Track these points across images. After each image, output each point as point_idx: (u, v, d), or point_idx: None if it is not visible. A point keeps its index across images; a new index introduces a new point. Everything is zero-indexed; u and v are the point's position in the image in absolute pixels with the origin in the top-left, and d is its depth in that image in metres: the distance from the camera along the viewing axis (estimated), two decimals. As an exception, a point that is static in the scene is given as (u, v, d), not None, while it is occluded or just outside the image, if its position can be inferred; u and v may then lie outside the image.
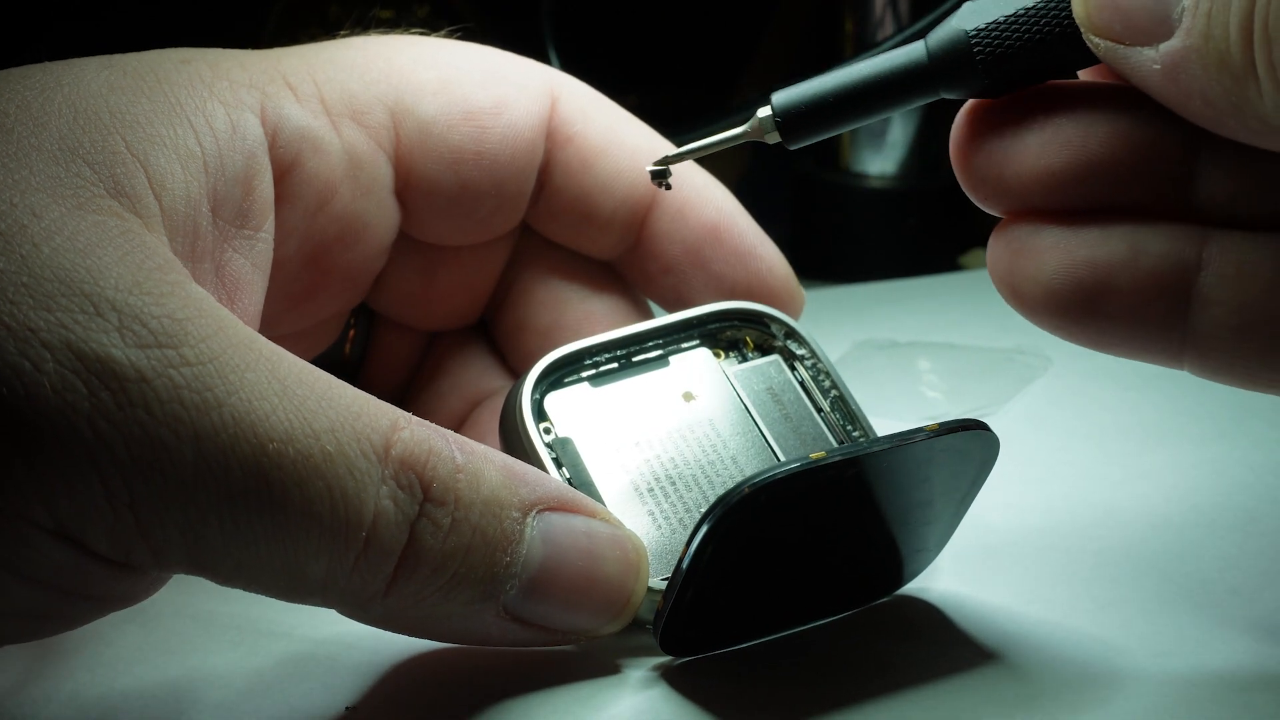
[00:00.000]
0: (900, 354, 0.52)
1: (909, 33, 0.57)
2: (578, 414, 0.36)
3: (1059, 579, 0.36)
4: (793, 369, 0.37)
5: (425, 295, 0.40)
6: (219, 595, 0.37)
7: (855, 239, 0.66)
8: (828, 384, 0.37)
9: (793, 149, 0.31)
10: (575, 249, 0.40)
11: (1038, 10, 0.29)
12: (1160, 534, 0.38)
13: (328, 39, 0.38)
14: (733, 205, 0.40)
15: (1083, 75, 0.31)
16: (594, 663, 0.33)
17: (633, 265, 0.40)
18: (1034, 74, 0.30)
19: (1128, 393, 0.47)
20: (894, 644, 0.34)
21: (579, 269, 0.41)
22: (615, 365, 0.37)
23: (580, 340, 0.37)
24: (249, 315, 0.33)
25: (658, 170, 0.33)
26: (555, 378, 0.36)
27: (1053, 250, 0.29)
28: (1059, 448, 0.44)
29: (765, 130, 0.31)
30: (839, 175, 0.64)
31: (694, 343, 0.37)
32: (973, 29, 0.29)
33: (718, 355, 0.37)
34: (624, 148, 0.39)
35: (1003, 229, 0.30)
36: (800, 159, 0.65)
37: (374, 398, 0.30)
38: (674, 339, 0.37)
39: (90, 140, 0.29)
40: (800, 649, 0.34)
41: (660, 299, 0.40)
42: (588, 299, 0.40)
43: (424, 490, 0.29)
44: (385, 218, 0.37)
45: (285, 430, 0.27)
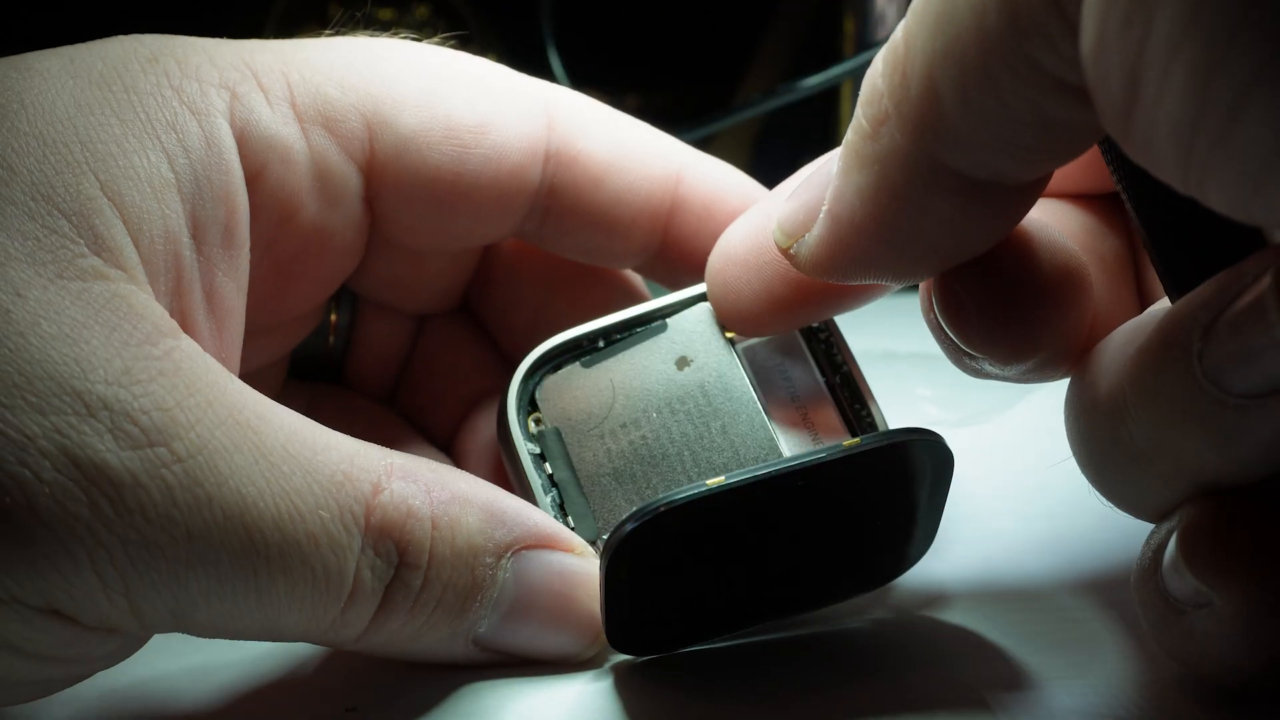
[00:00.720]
0: (898, 365, 0.52)
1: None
2: (567, 400, 0.35)
3: (1061, 582, 0.36)
4: (807, 341, 0.36)
5: (408, 276, 0.39)
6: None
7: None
8: (839, 359, 0.36)
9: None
10: (595, 264, 0.39)
11: None
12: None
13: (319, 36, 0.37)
14: (757, 190, 0.39)
15: None
16: (595, 656, 0.33)
17: (661, 268, 0.39)
18: None
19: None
20: (884, 649, 0.34)
21: None
22: (611, 343, 0.36)
23: (573, 329, 0.36)
24: (235, 340, 0.33)
25: None
26: (548, 368, 0.36)
27: None
28: (1062, 455, 0.44)
29: None
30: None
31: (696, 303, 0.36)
32: None
33: None
34: (633, 156, 0.38)
35: None
36: (801, 159, 0.65)
37: (361, 449, 0.31)
38: (678, 312, 0.36)
39: (64, 183, 0.29)
40: (770, 651, 0.34)
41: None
42: (577, 272, 0.40)
43: (400, 554, 0.30)
44: (352, 227, 0.36)
45: (274, 518, 0.28)
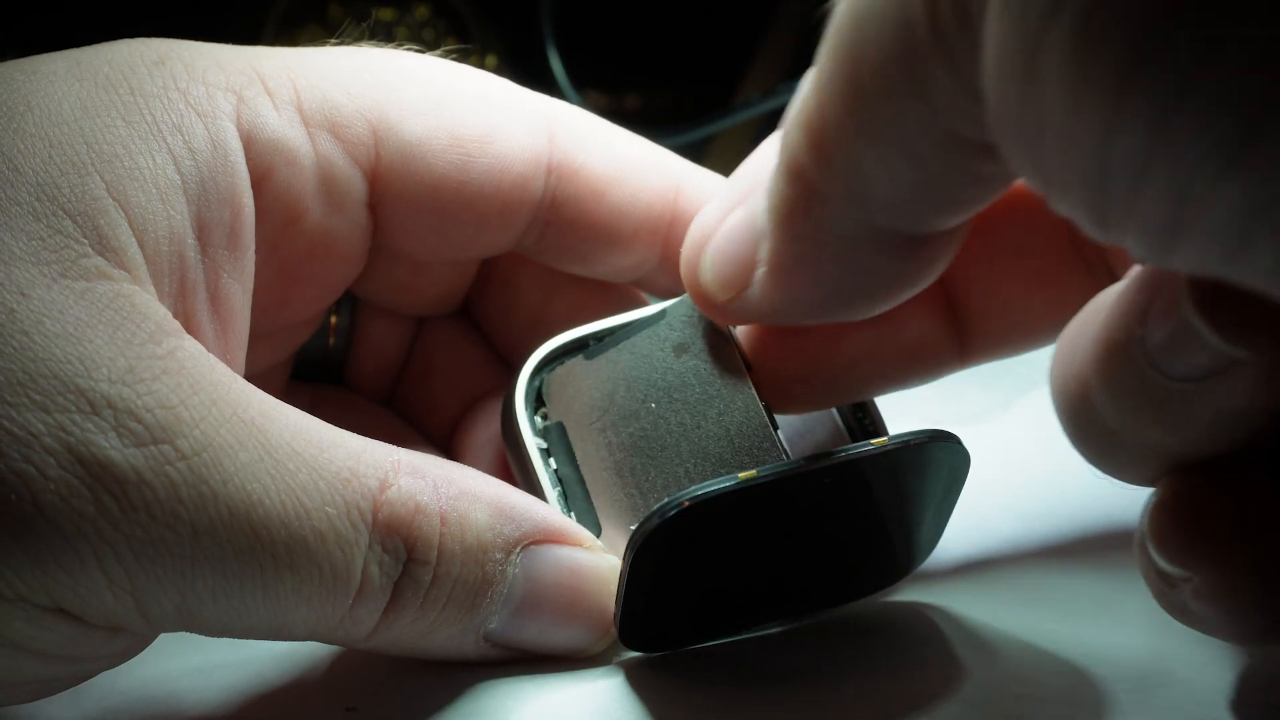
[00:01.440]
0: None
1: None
2: (570, 394, 0.35)
3: (1060, 582, 0.36)
4: None
5: (409, 282, 0.39)
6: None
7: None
8: None
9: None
10: (596, 277, 0.39)
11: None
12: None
13: (326, 40, 0.37)
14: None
15: None
16: (600, 653, 0.33)
17: (661, 281, 0.39)
18: None
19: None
20: (880, 645, 0.34)
21: None
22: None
23: (580, 328, 0.36)
24: (240, 341, 0.33)
25: None
26: (556, 364, 0.36)
27: None
28: (1062, 452, 0.44)
29: None
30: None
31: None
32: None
33: None
34: (633, 170, 0.38)
35: None
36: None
37: (367, 446, 0.31)
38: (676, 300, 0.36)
39: (69, 184, 0.29)
40: (777, 648, 0.34)
41: None
42: (578, 276, 0.40)
43: (408, 551, 0.30)
44: (357, 233, 0.36)
45: (278, 515, 0.28)
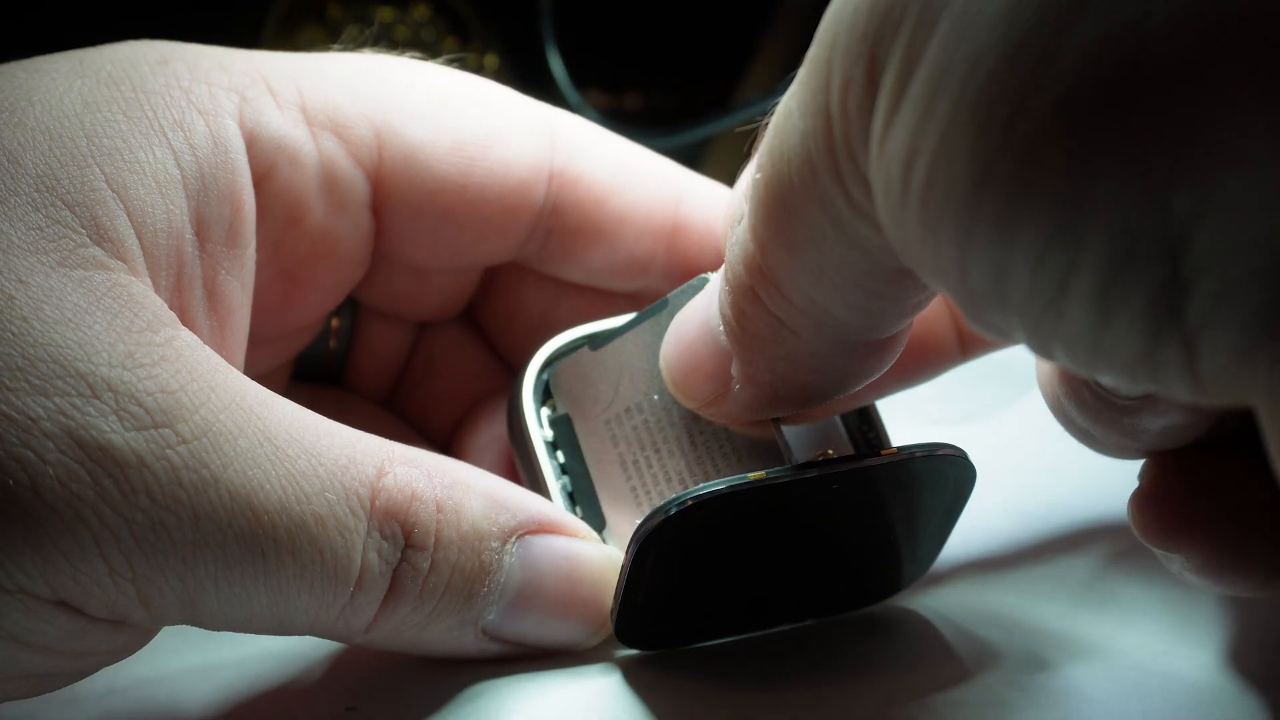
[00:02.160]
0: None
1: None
2: (577, 386, 0.35)
3: (1060, 581, 0.36)
4: None
5: (412, 288, 0.39)
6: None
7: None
8: None
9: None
10: (599, 287, 0.39)
11: None
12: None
13: (327, 42, 0.37)
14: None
15: None
16: (591, 652, 0.33)
17: (669, 288, 0.38)
18: None
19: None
20: (879, 645, 0.34)
21: None
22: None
23: (590, 324, 0.36)
24: (238, 339, 0.33)
25: None
26: (560, 360, 0.36)
27: None
28: (1062, 451, 0.44)
29: None
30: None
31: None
32: None
33: None
34: (635, 177, 0.38)
35: None
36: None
37: (362, 437, 0.31)
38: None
39: (69, 175, 0.29)
40: (774, 648, 0.34)
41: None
42: (582, 285, 0.40)
43: (405, 537, 0.30)
44: (359, 235, 0.36)
45: (279, 499, 0.28)
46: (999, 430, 0.39)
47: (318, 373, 0.40)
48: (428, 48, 0.66)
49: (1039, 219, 0.21)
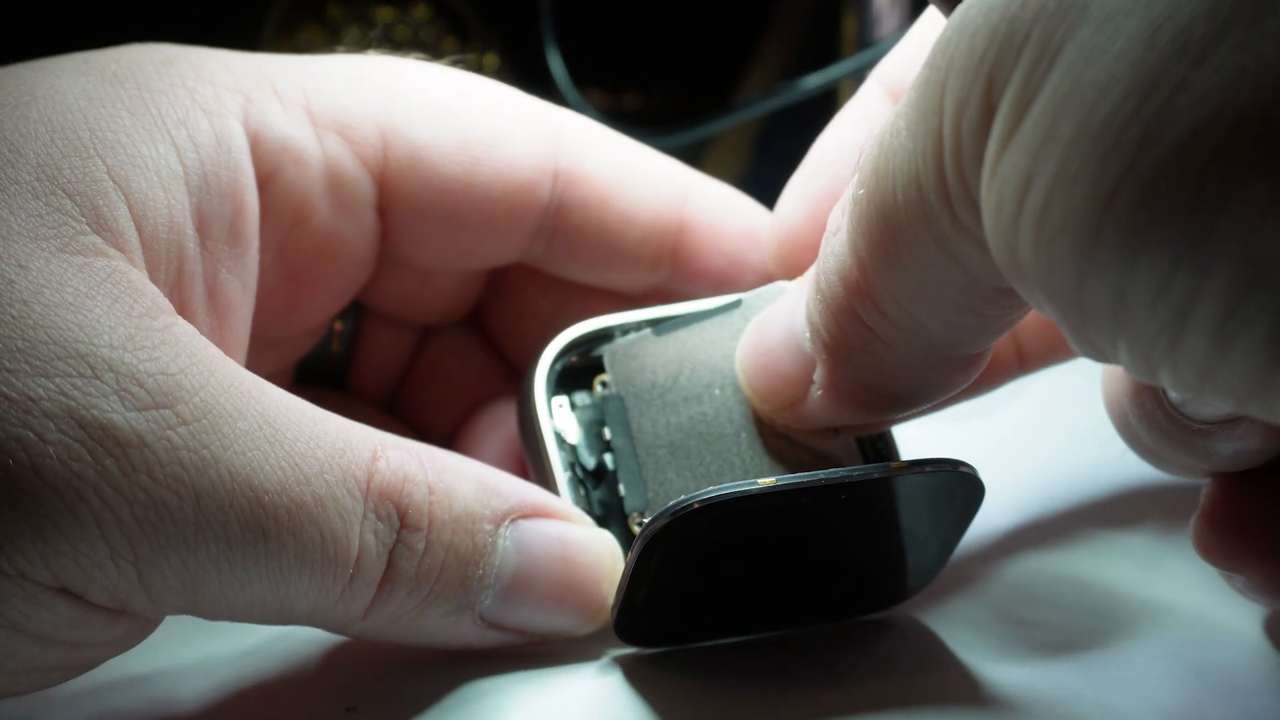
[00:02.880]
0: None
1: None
2: (634, 367, 0.35)
3: (1059, 578, 0.36)
4: None
5: (417, 291, 0.39)
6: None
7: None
8: None
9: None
10: (605, 287, 0.39)
11: None
12: (1163, 529, 0.38)
13: (327, 42, 0.38)
14: (761, 213, 0.40)
15: None
16: (588, 651, 0.33)
17: (675, 288, 0.39)
18: None
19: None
20: (884, 650, 0.34)
21: None
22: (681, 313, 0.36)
23: (609, 316, 0.36)
24: (239, 337, 0.33)
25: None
26: (583, 350, 0.36)
27: None
28: (1061, 446, 0.44)
29: None
30: (839, 175, 0.64)
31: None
32: None
33: None
34: (639, 176, 0.38)
35: None
36: (800, 159, 0.65)
37: (355, 425, 0.31)
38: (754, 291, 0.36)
39: (70, 166, 0.29)
40: (773, 650, 0.34)
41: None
42: (589, 287, 0.40)
43: (400, 518, 0.30)
44: (365, 236, 0.36)
45: (279, 480, 0.29)
46: (999, 428, 0.39)
47: (320, 376, 0.41)
48: (428, 48, 0.66)
49: (1166, 245, 0.21)
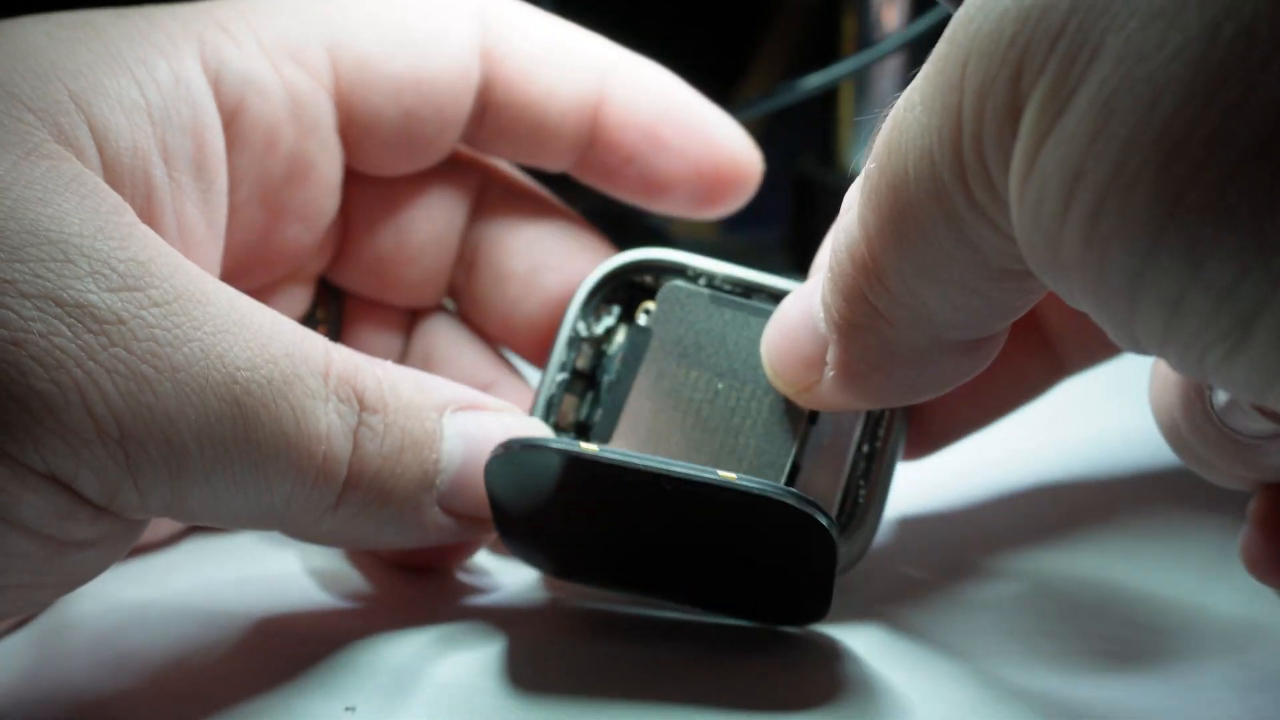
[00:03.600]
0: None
1: (909, 34, 0.57)
2: (676, 316, 0.36)
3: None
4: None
5: (391, 259, 0.40)
6: (220, 596, 0.37)
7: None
8: (881, 434, 0.35)
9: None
10: (532, 164, 0.41)
11: None
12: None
13: None
14: (680, 85, 0.41)
15: None
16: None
17: (592, 166, 0.40)
18: None
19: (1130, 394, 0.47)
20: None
21: (544, 210, 0.41)
22: (732, 291, 0.37)
23: (696, 256, 0.37)
24: (208, 269, 0.34)
25: None
26: (653, 274, 0.37)
27: None
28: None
29: None
30: (839, 175, 0.64)
31: None
32: None
33: None
34: (562, 51, 0.39)
35: None
36: (800, 159, 0.65)
37: (304, 329, 0.32)
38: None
39: (31, 87, 0.30)
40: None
41: (628, 191, 0.41)
42: (565, 237, 0.41)
43: (359, 401, 0.32)
44: (330, 156, 0.38)
45: (249, 359, 0.30)
46: (1008, 432, 0.40)
47: None
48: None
49: (1235, 252, 0.21)
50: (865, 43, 0.62)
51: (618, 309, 0.38)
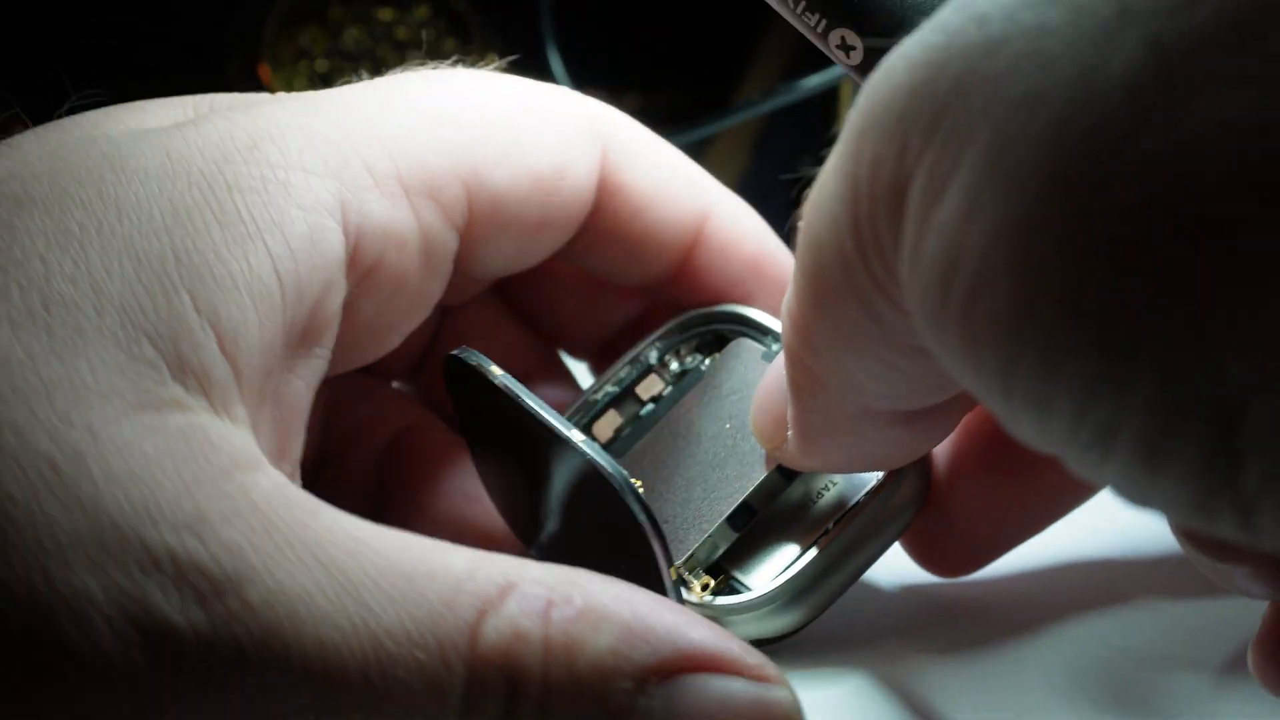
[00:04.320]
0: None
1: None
2: (728, 368, 0.37)
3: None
4: None
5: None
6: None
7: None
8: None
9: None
10: (612, 280, 0.40)
11: None
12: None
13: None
14: (773, 238, 0.40)
15: None
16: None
17: (670, 292, 0.40)
18: None
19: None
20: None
21: None
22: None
23: (765, 316, 0.38)
24: (300, 438, 0.32)
25: None
26: (729, 328, 0.38)
27: None
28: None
29: None
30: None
31: None
32: None
33: None
34: (671, 192, 0.38)
35: None
36: (801, 159, 0.65)
37: (474, 570, 0.27)
38: None
39: (154, 304, 0.28)
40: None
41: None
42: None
43: (511, 685, 0.26)
44: (442, 283, 0.36)
45: (360, 665, 0.26)
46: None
47: None
48: (428, 47, 0.66)
49: (1084, 363, 0.20)
50: (865, 43, 0.62)
51: (699, 358, 0.38)
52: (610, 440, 0.38)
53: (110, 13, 0.60)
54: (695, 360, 0.38)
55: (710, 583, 0.34)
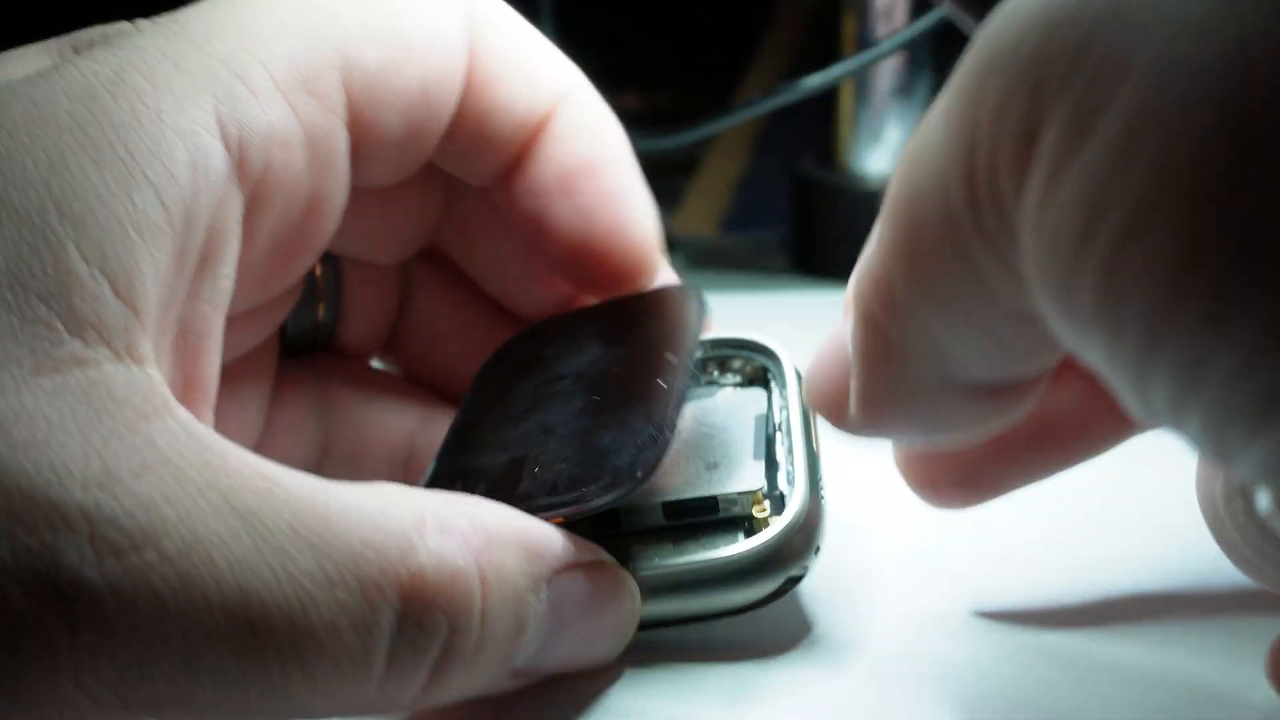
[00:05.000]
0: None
1: (909, 34, 0.57)
2: (784, 401, 0.36)
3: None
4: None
5: (380, 218, 0.39)
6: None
7: (855, 239, 0.65)
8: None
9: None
10: (455, 171, 0.38)
11: None
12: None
13: None
14: (622, 148, 0.38)
15: None
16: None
17: (501, 196, 0.38)
18: None
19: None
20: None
21: None
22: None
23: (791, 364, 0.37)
24: (212, 363, 0.31)
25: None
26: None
27: None
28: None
29: None
30: (839, 175, 0.64)
31: None
32: None
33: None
34: (529, 67, 0.37)
35: None
36: (801, 159, 0.66)
37: (384, 507, 0.28)
38: None
39: (41, 262, 0.27)
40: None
41: (517, 224, 0.38)
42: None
43: (450, 620, 0.28)
44: (341, 184, 0.35)
45: (281, 608, 0.26)
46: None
47: (307, 344, 0.40)
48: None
49: (1254, 320, 0.18)
50: (865, 43, 0.62)
51: (730, 376, 0.38)
52: None
53: (110, 13, 0.60)
54: (721, 377, 0.38)
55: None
